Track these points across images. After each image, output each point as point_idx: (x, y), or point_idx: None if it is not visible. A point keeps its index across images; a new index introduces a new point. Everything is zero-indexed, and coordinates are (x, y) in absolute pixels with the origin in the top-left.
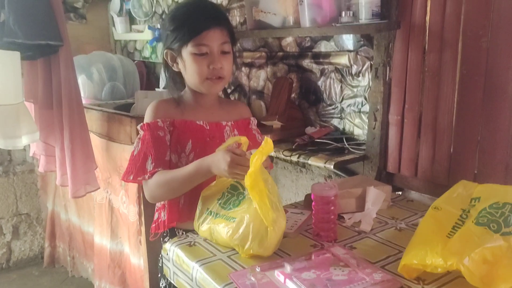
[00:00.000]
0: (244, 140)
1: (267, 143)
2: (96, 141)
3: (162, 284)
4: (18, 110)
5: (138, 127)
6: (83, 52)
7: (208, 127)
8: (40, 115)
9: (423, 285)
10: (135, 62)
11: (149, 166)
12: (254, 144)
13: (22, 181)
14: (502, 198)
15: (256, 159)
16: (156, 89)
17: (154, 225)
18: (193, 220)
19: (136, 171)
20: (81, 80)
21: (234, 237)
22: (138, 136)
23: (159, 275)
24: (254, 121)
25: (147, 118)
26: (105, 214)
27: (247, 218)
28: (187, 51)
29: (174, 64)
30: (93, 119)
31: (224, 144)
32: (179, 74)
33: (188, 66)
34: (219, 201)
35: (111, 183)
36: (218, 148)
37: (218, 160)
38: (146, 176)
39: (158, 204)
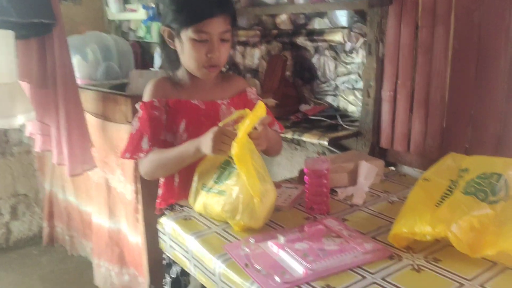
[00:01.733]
0: (247, 112)
1: (259, 106)
2: (92, 121)
3: (165, 257)
4: (13, 89)
5: (137, 105)
6: (77, 32)
7: (203, 106)
8: (35, 95)
9: (412, 253)
10: (129, 42)
11: (145, 145)
12: None
13: (19, 162)
14: (490, 169)
15: (248, 124)
16: (151, 68)
17: (158, 200)
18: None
19: (133, 149)
20: (76, 60)
21: (225, 209)
22: (137, 114)
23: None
24: (252, 91)
25: (145, 97)
26: (103, 194)
27: (237, 191)
28: (187, 35)
29: (171, 42)
30: (88, 99)
31: (226, 119)
32: (175, 52)
33: (186, 50)
34: (214, 176)
35: (108, 162)
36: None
37: (205, 136)
38: (142, 155)
39: (160, 181)
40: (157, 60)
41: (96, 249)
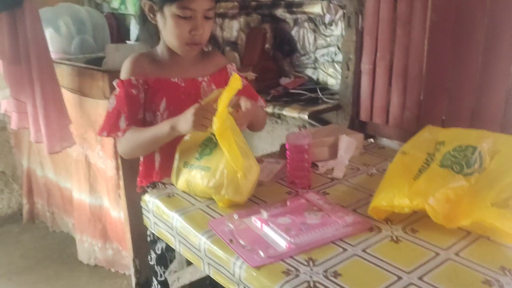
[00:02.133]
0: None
1: (235, 78)
2: (68, 97)
3: (150, 234)
4: None
5: (114, 83)
6: (49, 4)
7: (183, 84)
8: (9, 71)
9: (391, 225)
10: (104, 14)
11: (122, 123)
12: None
13: None
14: (465, 141)
15: (224, 96)
16: (127, 41)
17: (139, 179)
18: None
19: (110, 128)
20: (48, 33)
21: (209, 185)
22: (113, 92)
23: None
24: (231, 67)
25: (122, 75)
26: (82, 170)
27: (221, 166)
28: (170, 10)
29: (152, 16)
30: (64, 74)
31: (206, 98)
32: (155, 26)
33: (168, 26)
34: (195, 153)
35: (87, 138)
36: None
37: (184, 114)
38: (120, 134)
39: (140, 159)
40: (133, 32)
41: (78, 225)
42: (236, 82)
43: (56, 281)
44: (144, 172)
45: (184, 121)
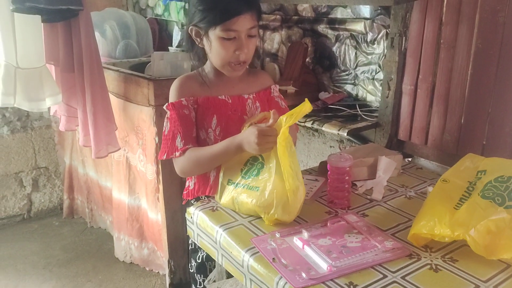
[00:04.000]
0: (271, 113)
1: (306, 103)
2: (113, 101)
3: (191, 243)
4: (41, 73)
5: (164, 107)
6: (96, 8)
7: (230, 101)
8: (62, 78)
9: (430, 252)
10: (147, 19)
11: (179, 143)
12: (278, 111)
13: (40, 136)
14: (507, 172)
15: (288, 119)
16: (169, 47)
17: (185, 192)
18: None
19: (168, 149)
20: None
21: (258, 204)
22: (166, 115)
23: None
24: (275, 88)
25: (171, 98)
26: (123, 171)
27: (270, 186)
28: (215, 33)
29: (199, 40)
30: (109, 79)
31: (250, 119)
32: (202, 50)
33: (213, 47)
34: (241, 172)
35: (128, 141)
36: (244, 125)
37: (247, 136)
38: (177, 154)
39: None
40: (175, 38)
41: (116, 223)
42: (306, 107)
43: (94, 275)
44: (198, 188)
45: (248, 145)
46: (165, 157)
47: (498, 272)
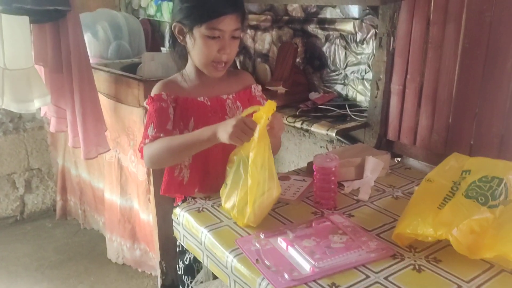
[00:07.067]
0: (260, 108)
1: (271, 103)
2: (104, 102)
3: (179, 244)
4: (29, 74)
5: (144, 103)
6: (88, 9)
7: (209, 103)
8: (51, 79)
9: (414, 252)
10: (140, 19)
11: (151, 132)
12: None
13: (33, 137)
14: (491, 172)
15: (264, 117)
16: (162, 48)
17: (163, 187)
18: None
19: (142, 140)
20: (87, 38)
21: (225, 205)
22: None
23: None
24: (257, 88)
25: (152, 93)
26: (115, 172)
27: (238, 187)
28: (200, 31)
29: (181, 38)
30: (101, 80)
31: (243, 112)
32: (184, 48)
33: (197, 45)
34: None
35: (120, 142)
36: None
37: (227, 121)
38: (147, 141)
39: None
40: (168, 39)
41: (109, 224)
42: (272, 106)
43: (87, 277)
44: (169, 187)
45: (224, 130)
46: (138, 148)
47: (482, 272)
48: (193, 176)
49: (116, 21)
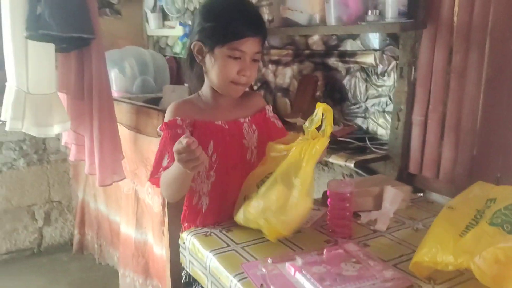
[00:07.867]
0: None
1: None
2: (125, 133)
3: (184, 275)
4: (51, 99)
5: (158, 129)
6: (117, 46)
7: (227, 126)
8: (72, 106)
9: (434, 284)
10: (166, 57)
11: (165, 162)
12: (275, 131)
13: (55, 169)
14: None
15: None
16: (185, 84)
17: (182, 216)
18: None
19: (153, 170)
20: (114, 73)
21: (258, 210)
22: (161, 137)
23: (182, 266)
24: (269, 109)
25: (166, 118)
26: (131, 205)
27: (275, 194)
28: (222, 51)
29: (200, 57)
30: (123, 112)
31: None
32: (201, 68)
33: (216, 65)
34: (257, 186)
35: (138, 174)
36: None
37: None
38: (161, 169)
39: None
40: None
41: (123, 259)
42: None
43: None
44: (188, 216)
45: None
46: (148, 178)
47: None
48: (212, 204)
49: (142, 58)
